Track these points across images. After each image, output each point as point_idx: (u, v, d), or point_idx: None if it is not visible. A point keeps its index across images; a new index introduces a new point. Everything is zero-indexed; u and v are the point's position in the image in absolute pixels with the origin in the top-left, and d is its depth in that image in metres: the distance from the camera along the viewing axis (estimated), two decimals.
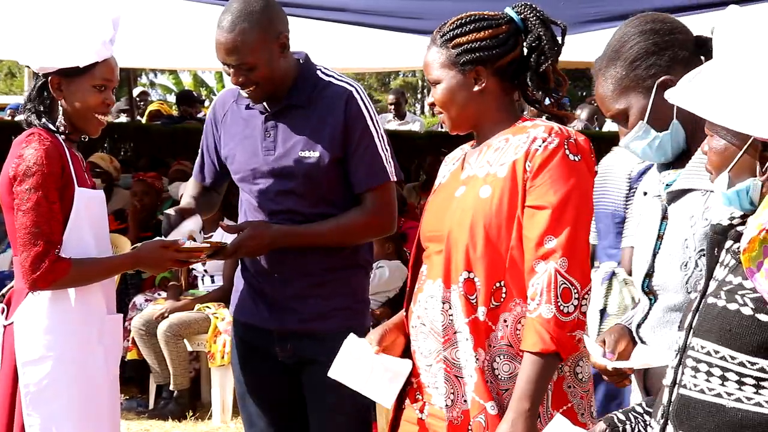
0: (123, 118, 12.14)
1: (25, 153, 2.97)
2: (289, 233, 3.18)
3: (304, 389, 3.27)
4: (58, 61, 3.04)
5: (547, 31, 2.60)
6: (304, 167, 3.17)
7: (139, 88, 16.24)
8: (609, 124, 12.08)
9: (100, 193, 3.20)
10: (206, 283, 6.50)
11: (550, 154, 2.47)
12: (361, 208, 3.22)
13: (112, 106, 3.17)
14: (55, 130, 3.06)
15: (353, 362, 2.70)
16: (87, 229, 3.07)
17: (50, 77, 3.06)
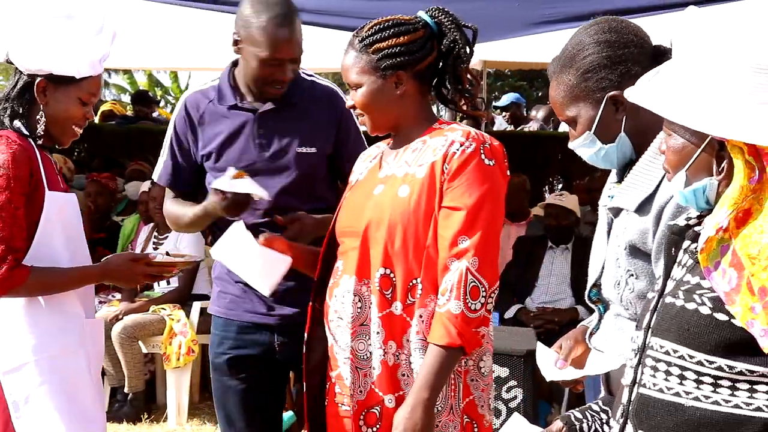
0: None
1: None
2: (322, 223, 3.14)
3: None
4: (55, 67, 2.93)
5: (462, 35, 2.70)
6: (303, 162, 3.23)
7: None
8: (564, 126, 12.17)
9: (71, 197, 3.08)
10: (161, 285, 6.45)
11: (467, 158, 2.58)
12: None
13: (89, 120, 3.08)
14: (27, 134, 2.95)
15: (236, 248, 2.89)
16: (58, 234, 2.97)
17: (38, 80, 2.95)
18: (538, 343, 2.57)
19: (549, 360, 2.52)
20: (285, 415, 5.46)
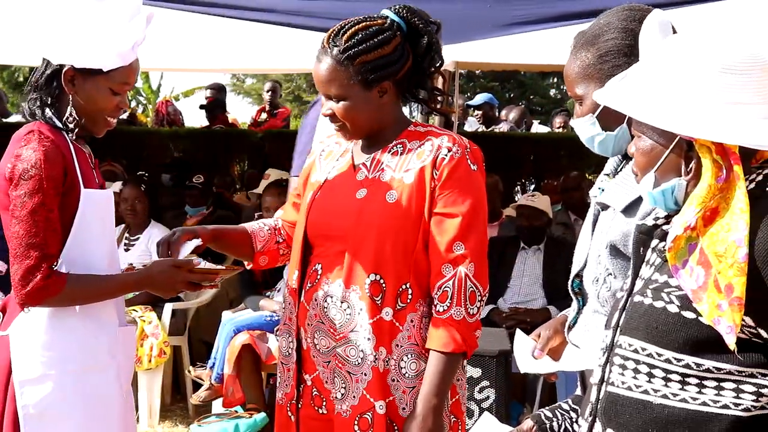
0: None
1: (23, 153, 2.64)
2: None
3: None
4: (80, 60, 2.71)
5: (435, 34, 2.69)
6: None
7: None
8: (536, 126, 12.21)
9: (108, 194, 2.85)
10: None
11: (457, 164, 2.60)
12: None
13: (124, 110, 2.87)
14: (60, 126, 2.74)
15: None
16: (95, 235, 2.74)
17: (65, 68, 2.72)
18: (518, 331, 2.59)
19: (526, 348, 2.54)
20: (257, 417, 5.45)
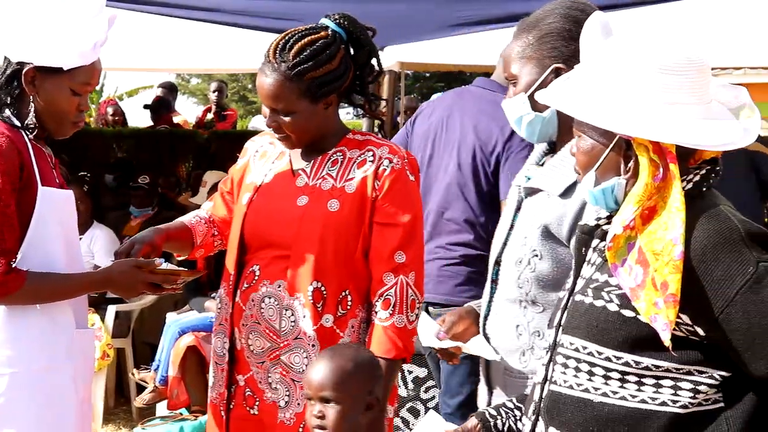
0: None
1: None
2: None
3: None
4: (41, 58, 2.64)
5: (372, 42, 2.73)
6: None
7: None
8: None
9: (68, 194, 2.78)
10: None
11: (398, 175, 2.65)
12: None
13: (86, 112, 2.79)
14: (19, 126, 2.68)
15: None
16: (54, 234, 2.68)
17: (26, 68, 2.65)
18: (423, 313, 2.63)
19: (430, 330, 2.58)
20: (202, 419, 5.41)
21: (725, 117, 1.91)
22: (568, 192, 2.33)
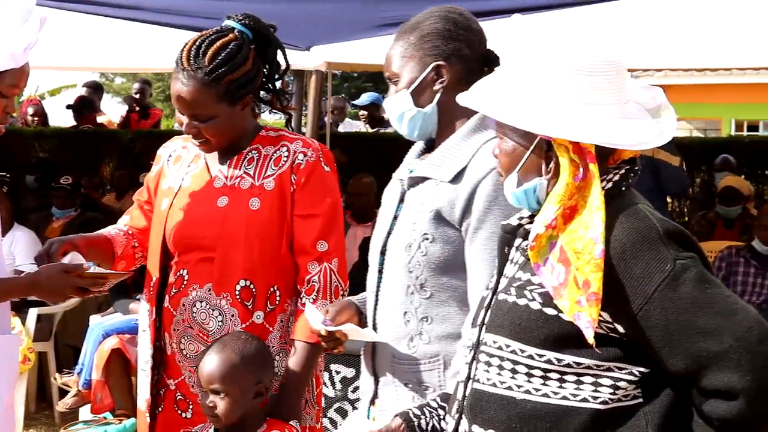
0: None
1: None
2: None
3: None
4: None
5: (278, 39, 2.78)
6: None
7: None
8: None
9: None
10: None
11: (313, 167, 2.71)
12: None
13: (11, 114, 2.74)
14: None
15: None
16: None
17: None
18: (307, 303, 2.63)
19: (315, 319, 2.58)
20: (127, 422, 5.35)
21: (642, 117, 1.94)
22: (458, 178, 2.39)
